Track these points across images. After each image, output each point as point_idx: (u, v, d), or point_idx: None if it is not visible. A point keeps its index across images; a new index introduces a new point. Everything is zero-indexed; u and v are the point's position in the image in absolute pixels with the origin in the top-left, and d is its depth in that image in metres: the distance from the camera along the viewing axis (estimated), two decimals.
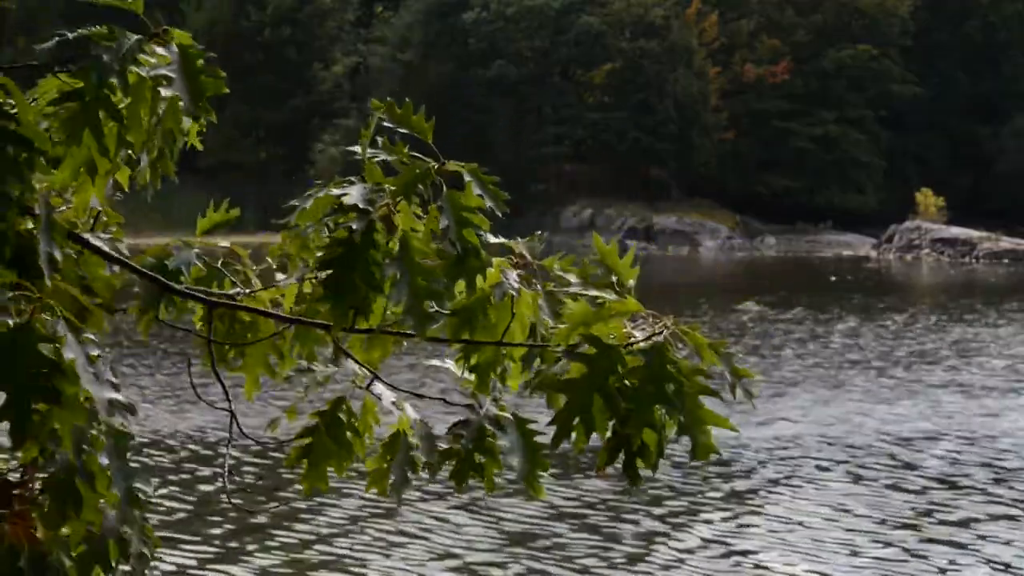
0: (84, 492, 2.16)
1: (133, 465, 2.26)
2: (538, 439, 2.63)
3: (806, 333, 30.32)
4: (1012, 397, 21.39)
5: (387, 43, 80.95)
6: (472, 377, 2.58)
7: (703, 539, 12.65)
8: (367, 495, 13.55)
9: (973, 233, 66.85)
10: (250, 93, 73.17)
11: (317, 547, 12.20)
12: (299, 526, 12.91)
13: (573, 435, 2.35)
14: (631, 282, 2.44)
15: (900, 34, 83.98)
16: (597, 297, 2.37)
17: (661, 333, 2.34)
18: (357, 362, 2.73)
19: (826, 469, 15.84)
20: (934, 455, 16.72)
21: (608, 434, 2.33)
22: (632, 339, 2.31)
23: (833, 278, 51.89)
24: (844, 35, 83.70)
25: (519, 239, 2.62)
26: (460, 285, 2.45)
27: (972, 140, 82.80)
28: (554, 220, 71.86)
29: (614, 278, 2.40)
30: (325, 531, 12.71)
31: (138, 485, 2.25)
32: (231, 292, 2.99)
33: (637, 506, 13.83)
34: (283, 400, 14.57)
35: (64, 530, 2.23)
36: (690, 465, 15.84)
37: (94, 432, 2.16)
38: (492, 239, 2.51)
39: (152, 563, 2.41)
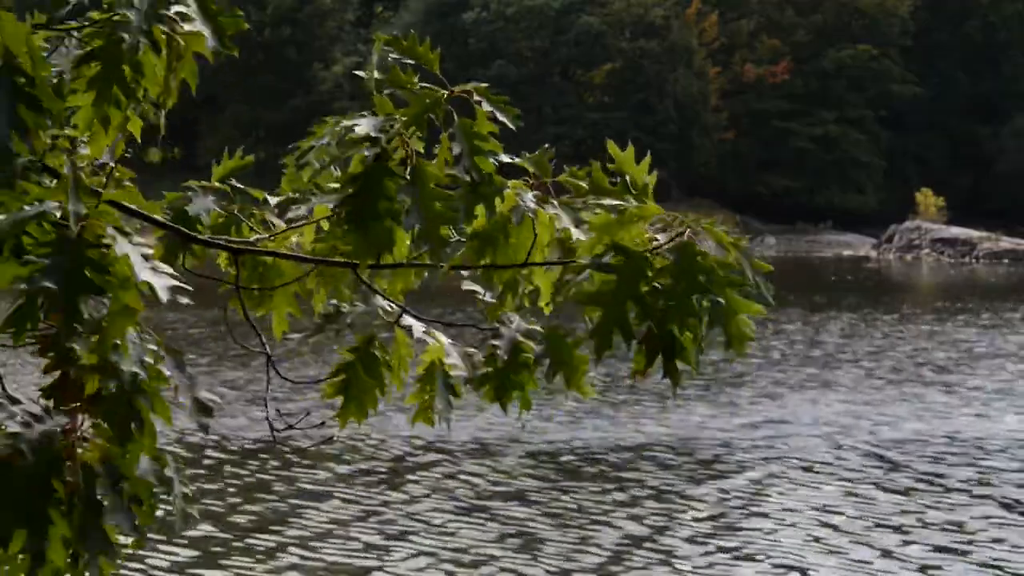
0: (144, 412, 2.21)
1: (196, 377, 2.31)
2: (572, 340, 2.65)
3: (799, 333, 30.31)
4: (1000, 398, 21.31)
5: None
6: (493, 299, 2.61)
7: (683, 539, 12.58)
8: (350, 498, 13.59)
9: (973, 233, 66.84)
10: (250, 93, 73.19)
11: (294, 550, 12.10)
12: (279, 528, 12.89)
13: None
14: (649, 186, 2.47)
15: (900, 34, 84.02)
16: (617, 205, 2.40)
17: (684, 232, 2.37)
18: (385, 297, 2.76)
19: (811, 470, 15.76)
20: (919, 456, 16.64)
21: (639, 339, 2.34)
22: (656, 243, 2.35)
23: (833, 278, 51.90)
24: (844, 35, 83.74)
25: (526, 154, 2.64)
26: (479, 210, 2.48)
27: (972, 140, 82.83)
28: None
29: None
30: (305, 534, 12.63)
31: (205, 394, 2.29)
32: (252, 239, 3.02)
33: (616, 508, 13.75)
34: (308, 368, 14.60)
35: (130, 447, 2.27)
36: (674, 465, 15.84)
37: (152, 347, 2.20)
38: (505, 157, 2.53)
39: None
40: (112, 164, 3.24)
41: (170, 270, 2.23)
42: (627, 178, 2.52)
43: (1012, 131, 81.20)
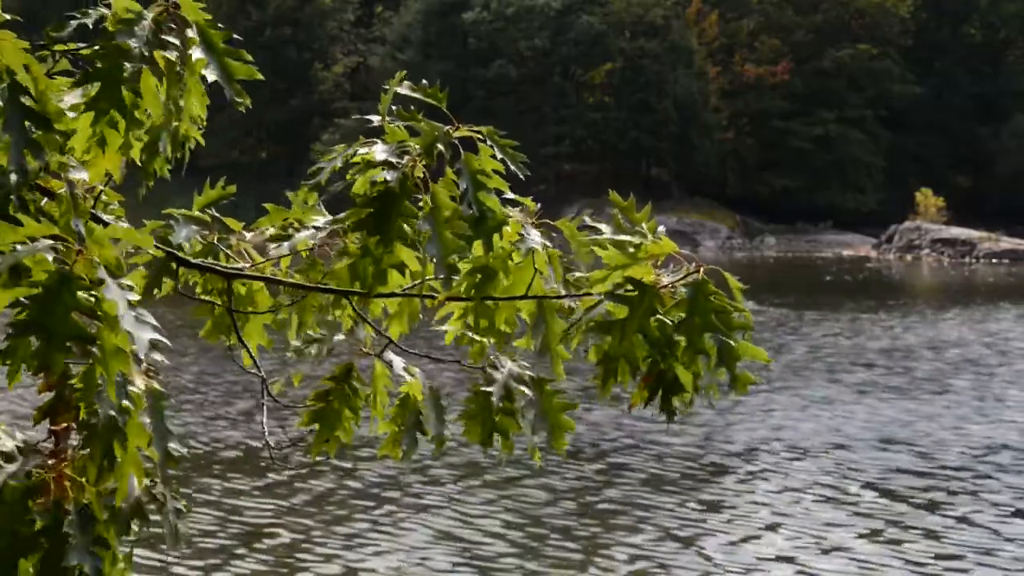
0: (118, 450, 2.19)
1: (169, 426, 2.30)
2: (559, 399, 2.65)
3: (793, 333, 30.28)
4: (980, 400, 21.25)
5: (387, 43, 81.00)
6: (481, 338, 2.60)
7: (662, 541, 12.58)
8: (345, 503, 13.59)
9: (973, 233, 66.85)
10: (250, 93, 72.97)
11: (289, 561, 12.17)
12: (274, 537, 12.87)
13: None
14: (660, 229, 2.47)
15: (900, 34, 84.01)
16: (630, 242, 2.41)
17: (698, 271, 2.39)
18: (375, 328, 2.75)
19: (794, 472, 15.70)
20: (899, 459, 16.59)
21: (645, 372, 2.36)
22: (661, 283, 2.35)
23: (828, 278, 51.88)
24: (844, 35, 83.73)
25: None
26: (478, 246, 2.47)
27: (972, 140, 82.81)
28: (554, 220, 71.88)
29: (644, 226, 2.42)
30: (302, 543, 12.68)
31: (173, 446, 2.28)
32: (237, 266, 3.02)
33: (589, 513, 13.75)
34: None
35: (107, 484, 2.26)
36: (649, 468, 15.82)
37: (134, 390, 2.18)
38: (511, 195, 2.53)
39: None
40: (100, 187, 3.22)
41: (153, 320, 2.22)
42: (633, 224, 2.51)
43: (1012, 131, 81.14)
